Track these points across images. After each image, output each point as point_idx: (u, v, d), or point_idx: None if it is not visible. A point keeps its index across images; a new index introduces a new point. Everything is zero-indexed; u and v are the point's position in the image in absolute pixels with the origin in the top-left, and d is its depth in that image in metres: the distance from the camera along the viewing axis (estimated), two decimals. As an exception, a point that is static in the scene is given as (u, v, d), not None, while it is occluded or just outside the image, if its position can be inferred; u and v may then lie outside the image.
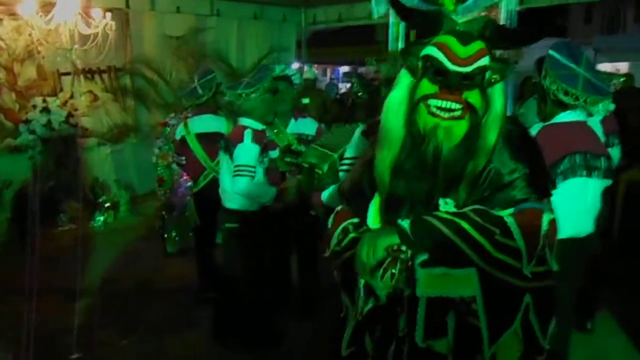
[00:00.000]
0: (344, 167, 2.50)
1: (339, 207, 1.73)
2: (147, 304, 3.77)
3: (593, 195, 2.63)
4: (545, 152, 2.39)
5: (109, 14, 4.71)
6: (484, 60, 1.41)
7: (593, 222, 2.63)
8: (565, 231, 2.53)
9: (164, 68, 5.96)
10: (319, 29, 7.58)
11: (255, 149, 3.04)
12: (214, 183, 3.65)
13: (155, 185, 4.87)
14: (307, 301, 3.61)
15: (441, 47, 1.41)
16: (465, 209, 1.46)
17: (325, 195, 2.51)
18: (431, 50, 1.42)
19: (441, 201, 1.48)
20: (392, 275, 1.37)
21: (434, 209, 1.47)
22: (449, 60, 1.40)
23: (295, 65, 6.97)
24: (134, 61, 5.91)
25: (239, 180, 3.01)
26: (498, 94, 1.49)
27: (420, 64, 1.46)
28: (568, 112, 2.59)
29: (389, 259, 1.39)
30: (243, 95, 3.14)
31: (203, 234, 3.95)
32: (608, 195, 3.07)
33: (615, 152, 3.44)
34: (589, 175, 2.59)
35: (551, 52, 2.64)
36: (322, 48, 8.48)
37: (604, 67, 14.11)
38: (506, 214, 1.49)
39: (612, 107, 3.16)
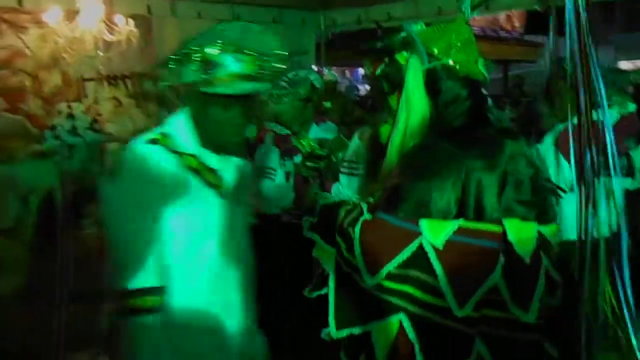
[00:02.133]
0: (344, 170, 2.53)
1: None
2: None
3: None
4: (568, 153, 2.38)
5: (131, 21, 4.77)
6: None
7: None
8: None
9: (186, 73, 6.00)
10: (338, 32, 7.58)
11: (275, 151, 3.07)
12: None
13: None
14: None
15: None
16: None
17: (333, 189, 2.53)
18: None
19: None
20: None
21: None
22: None
23: (314, 69, 6.97)
24: (157, 67, 5.96)
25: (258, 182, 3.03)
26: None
27: None
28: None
29: None
30: (275, 95, 3.12)
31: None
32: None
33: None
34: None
35: None
36: (342, 51, 8.46)
37: (624, 65, 13.96)
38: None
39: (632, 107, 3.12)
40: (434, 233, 1.41)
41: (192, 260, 1.66)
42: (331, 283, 1.62)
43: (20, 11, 4.95)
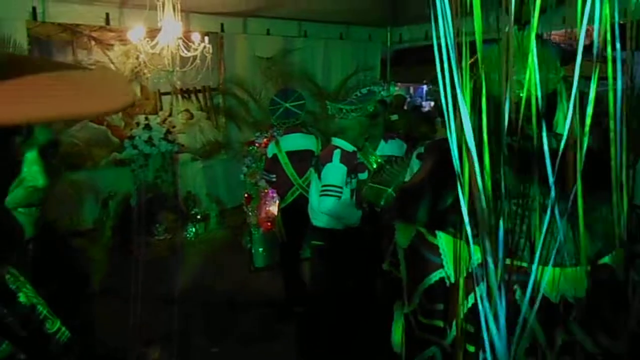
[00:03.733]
0: None
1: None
2: (235, 315, 3.93)
3: None
4: None
5: (206, 38, 5.01)
6: None
7: None
8: None
9: (254, 88, 6.23)
10: (402, 47, 7.60)
11: (342, 169, 3.07)
12: (301, 199, 3.76)
13: (243, 201, 5.08)
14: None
15: None
16: None
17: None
18: None
19: None
20: None
21: None
22: None
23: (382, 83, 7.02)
24: (227, 81, 6.22)
25: (326, 199, 3.04)
26: None
27: None
28: None
29: None
30: (344, 110, 3.16)
31: (289, 249, 4.06)
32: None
33: None
34: None
35: None
36: (406, 67, 8.45)
37: None
38: None
39: None
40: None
41: None
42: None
43: (107, 29, 5.35)
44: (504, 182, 1.01)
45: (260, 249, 4.93)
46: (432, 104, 8.64)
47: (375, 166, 3.37)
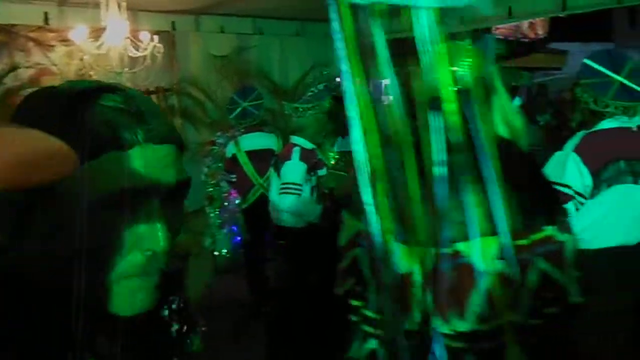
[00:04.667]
0: None
1: None
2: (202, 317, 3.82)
3: None
4: (589, 161, 2.44)
5: (156, 37, 4.84)
6: None
7: None
8: (613, 239, 2.53)
9: (210, 87, 6.08)
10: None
11: (302, 167, 3.07)
12: (263, 199, 3.70)
13: (205, 202, 4.95)
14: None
15: None
16: None
17: None
18: None
19: None
20: None
21: None
22: None
23: (337, 80, 6.99)
24: (181, 81, 6.05)
25: (286, 197, 3.04)
26: None
27: None
28: (609, 119, 2.62)
29: None
30: (300, 109, 3.16)
31: (253, 249, 3.99)
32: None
33: None
34: (636, 181, 2.57)
35: (586, 60, 2.70)
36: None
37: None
38: None
39: None
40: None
41: None
42: None
43: (47, 30, 5.08)
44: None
45: (224, 251, 4.82)
46: (391, 98, 8.68)
47: (332, 162, 3.37)
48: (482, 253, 1.40)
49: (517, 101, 5.24)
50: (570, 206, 2.56)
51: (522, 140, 1.64)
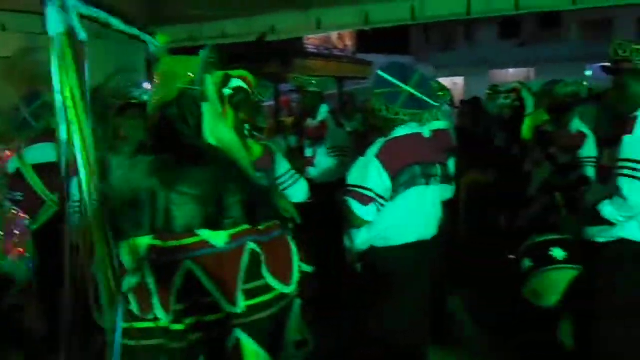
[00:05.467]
0: None
1: None
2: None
3: (433, 199, 2.98)
4: (388, 166, 2.71)
5: None
6: None
7: (436, 225, 2.99)
8: (413, 235, 2.85)
9: (-10, 93, 5.29)
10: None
11: None
12: (57, 218, 3.29)
13: (-16, 227, 4.26)
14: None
15: None
16: None
17: None
18: None
19: None
20: None
21: None
22: None
23: (148, 86, 6.59)
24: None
25: None
26: None
27: None
28: (402, 126, 2.90)
29: None
30: None
31: (45, 275, 3.53)
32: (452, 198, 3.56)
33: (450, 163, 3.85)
34: (428, 182, 2.89)
35: (379, 72, 2.97)
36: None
37: (443, 82, 15.51)
38: None
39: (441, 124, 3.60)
40: None
41: None
42: None
43: None
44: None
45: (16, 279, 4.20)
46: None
47: None
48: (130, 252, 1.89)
49: (325, 108, 5.47)
50: (372, 207, 2.76)
51: (237, 152, 1.91)
